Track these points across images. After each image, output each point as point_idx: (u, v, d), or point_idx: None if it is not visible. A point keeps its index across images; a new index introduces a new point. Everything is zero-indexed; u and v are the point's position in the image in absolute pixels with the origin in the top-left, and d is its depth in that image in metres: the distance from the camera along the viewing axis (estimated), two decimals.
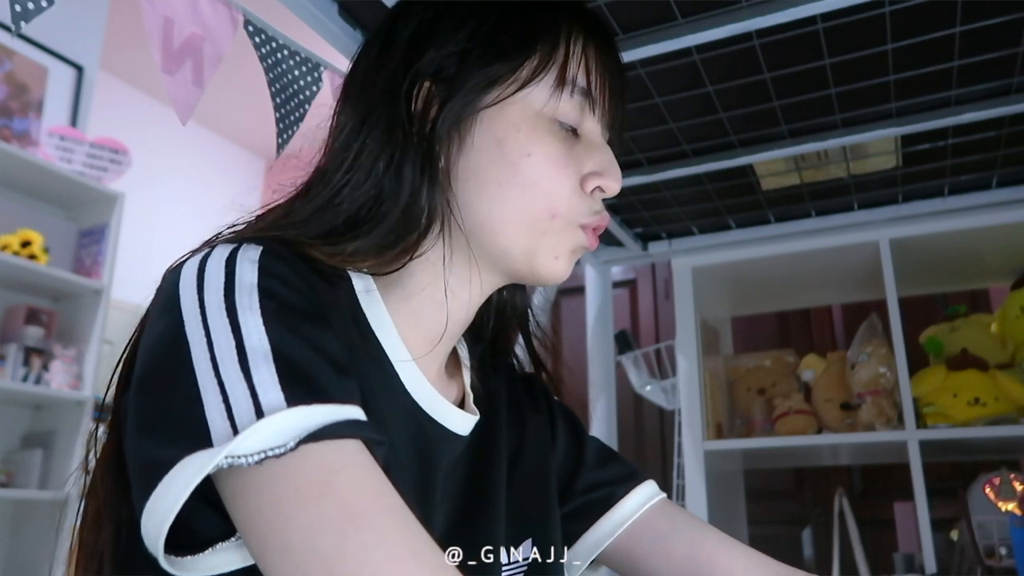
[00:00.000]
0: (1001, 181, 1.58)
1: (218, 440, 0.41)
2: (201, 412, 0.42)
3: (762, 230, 1.80)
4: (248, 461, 0.41)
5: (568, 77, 0.59)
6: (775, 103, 1.29)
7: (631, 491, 0.71)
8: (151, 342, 0.47)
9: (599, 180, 0.60)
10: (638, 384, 2.42)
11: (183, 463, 0.41)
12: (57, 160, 2.51)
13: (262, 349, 0.44)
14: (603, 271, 2.03)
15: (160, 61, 0.95)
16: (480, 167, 0.58)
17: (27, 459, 2.35)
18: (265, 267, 0.48)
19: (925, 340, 1.79)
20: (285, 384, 0.43)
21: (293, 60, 1.10)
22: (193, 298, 0.46)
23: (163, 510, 0.41)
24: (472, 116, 0.58)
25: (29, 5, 0.82)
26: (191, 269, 0.48)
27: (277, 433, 0.41)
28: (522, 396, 0.73)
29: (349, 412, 0.44)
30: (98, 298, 2.49)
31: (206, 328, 0.45)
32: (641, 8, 1.05)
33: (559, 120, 0.59)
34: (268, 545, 0.41)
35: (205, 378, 0.43)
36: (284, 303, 0.47)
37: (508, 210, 0.58)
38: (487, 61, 0.58)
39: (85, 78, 2.88)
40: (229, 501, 0.43)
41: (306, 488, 0.41)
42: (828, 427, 1.76)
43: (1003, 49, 1.14)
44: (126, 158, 2.65)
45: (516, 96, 0.58)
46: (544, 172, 0.57)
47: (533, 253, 0.59)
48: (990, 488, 1.51)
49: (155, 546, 0.42)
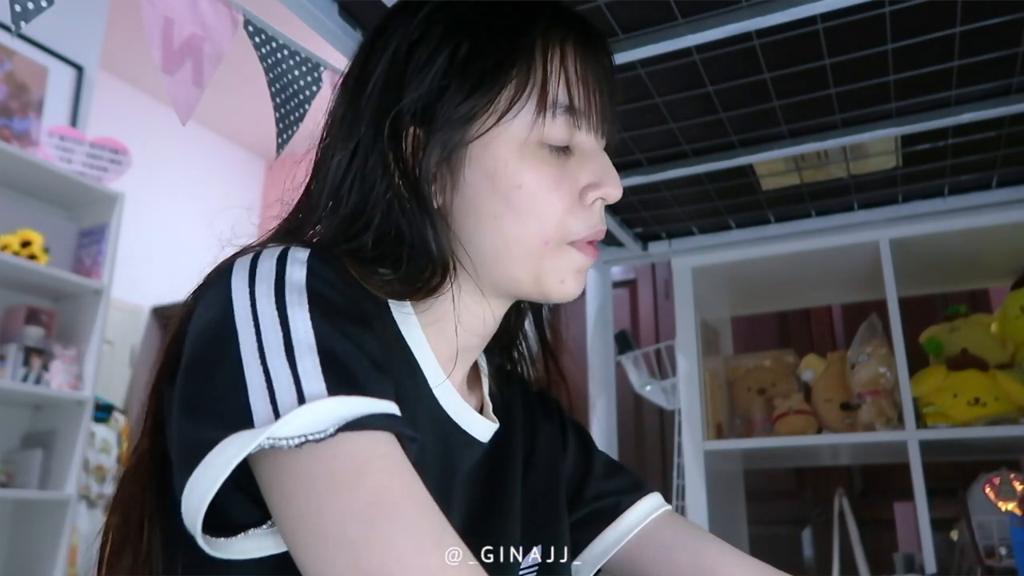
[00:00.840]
0: (1001, 181, 1.58)
1: (260, 423, 0.43)
2: (245, 396, 0.44)
3: (762, 230, 1.80)
4: (289, 443, 0.42)
5: (548, 101, 0.57)
6: (775, 103, 1.29)
7: (637, 501, 0.72)
8: (199, 330, 0.49)
9: (598, 191, 0.60)
10: (638, 384, 2.41)
11: (225, 442, 0.42)
12: (57, 160, 2.51)
13: (307, 342, 0.46)
14: (603, 271, 2.03)
15: (160, 61, 0.95)
16: (475, 202, 0.58)
17: (27, 459, 2.35)
18: (313, 268, 0.50)
19: (925, 340, 1.79)
20: (327, 375, 0.45)
21: (293, 60, 1.10)
22: (244, 290, 0.48)
23: (203, 488, 0.42)
24: (461, 152, 0.57)
25: (29, 5, 0.82)
26: (243, 265, 0.50)
27: (317, 420, 0.43)
28: (535, 405, 0.75)
29: (386, 406, 0.46)
30: (98, 298, 2.49)
31: (255, 318, 0.47)
32: (641, 8, 1.05)
33: (547, 143, 0.58)
34: (300, 529, 0.43)
35: (251, 364, 0.45)
36: (330, 303, 0.49)
37: (507, 241, 0.58)
38: (463, 96, 0.57)
39: (85, 78, 2.88)
40: (266, 484, 0.45)
41: (341, 475, 0.42)
42: (828, 427, 1.76)
43: (1003, 49, 1.14)
44: (126, 158, 2.65)
45: (498, 128, 0.57)
46: (536, 200, 0.57)
47: (539, 278, 0.59)
48: (990, 488, 1.51)
49: (194, 524, 0.43)
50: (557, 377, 0.75)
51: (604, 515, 0.72)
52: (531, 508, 0.66)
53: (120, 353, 3.66)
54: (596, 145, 0.61)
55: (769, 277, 1.93)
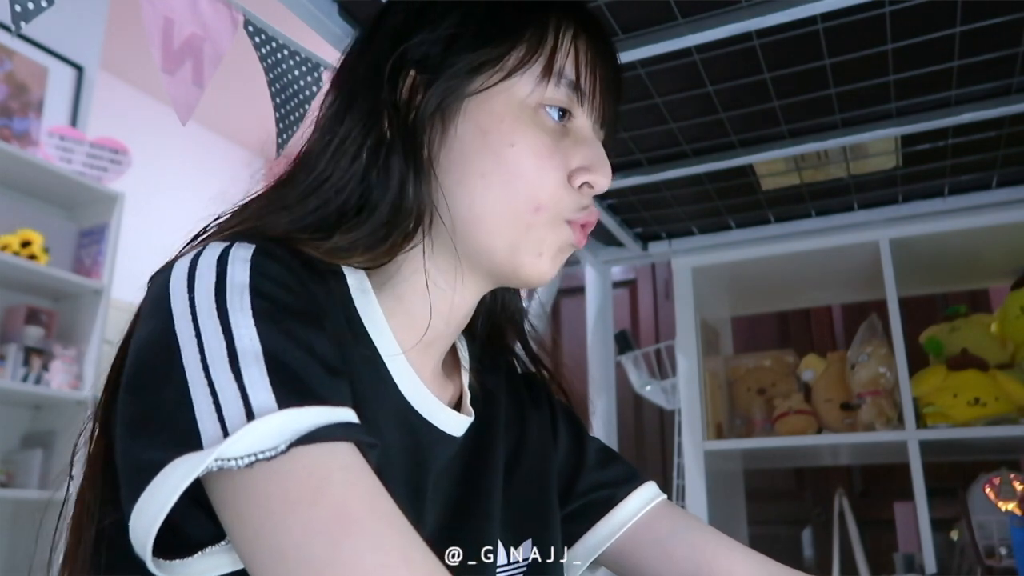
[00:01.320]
0: (1001, 181, 1.58)
1: (208, 442, 0.40)
2: (191, 413, 0.41)
3: (762, 230, 1.80)
4: (238, 464, 0.40)
5: (555, 68, 0.57)
6: (775, 103, 1.29)
7: (632, 492, 0.70)
8: (140, 343, 0.47)
9: (587, 176, 0.58)
10: (638, 384, 2.41)
11: (172, 465, 0.40)
12: (57, 160, 2.51)
13: (253, 350, 0.43)
14: (603, 271, 2.03)
15: (160, 61, 0.95)
16: (463, 157, 0.57)
17: (27, 459, 2.35)
18: (257, 266, 0.47)
19: (925, 340, 1.79)
20: (276, 385, 0.42)
21: (293, 60, 1.10)
22: (183, 298, 0.46)
23: (151, 513, 0.40)
24: (457, 104, 0.57)
25: (29, 5, 0.82)
26: (181, 268, 0.48)
27: (268, 435, 0.41)
28: (523, 394, 0.72)
29: (341, 414, 0.43)
30: (98, 298, 2.49)
31: (196, 328, 0.44)
32: (641, 8, 1.05)
33: (546, 112, 0.58)
34: (258, 551, 0.40)
35: (195, 379, 0.43)
36: (276, 303, 0.46)
37: (490, 202, 0.56)
38: (472, 47, 0.57)
39: (85, 78, 2.88)
40: (219, 505, 0.42)
41: (297, 492, 0.40)
42: (828, 427, 1.76)
43: (1003, 49, 1.14)
44: (126, 158, 2.65)
45: (501, 85, 0.57)
46: (527, 163, 0.56)
47: (516, 248, 0.57)
48: (990, 488, 1.51)
49: (143, 549, 0.41)
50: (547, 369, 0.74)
51: (597, 507, 0.70)
52: (519, 503, 0.64)
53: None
54: (593, 133, 0.61)
55: (769, 277, 1.93)
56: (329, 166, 0.56)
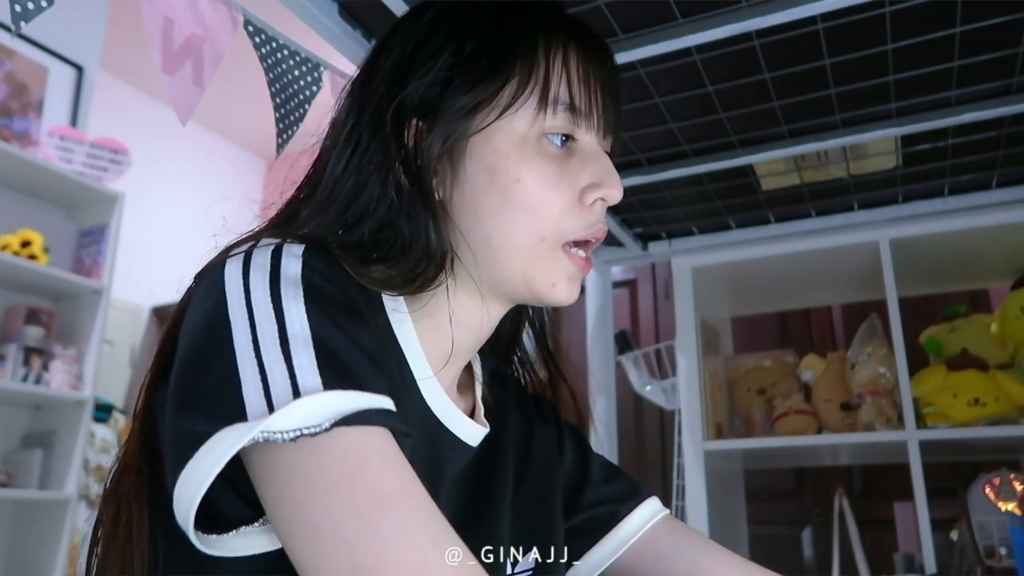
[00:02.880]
0: (1001, 181, 1.58)
1: (253, 416, 0.43)
2: (239, 389, 0.44)
3: (762, 230, 1.80)
4: (284, 437, 0.42)
5: (550, 97, 0.58)
6: (775, 103, 1.29)
7: (635, 509, 0.72)
8: (193, 324, 0.49)
9: (598, 191, 0.59)
10: (638, 384, 2.41)
11: (220, 434, 0.42)
12: (57, 160, 2.51)
13: (303, 335, 0.45)
14: (603, 271, 2.03)
15: (160, 61, 0.95)
16: (475, 197, 0.58)
17: (27, 459, 2.35)
18: (308, 262, 0.50)
19: (925, 340, 1.79)
20: (323, 369, 0.44)
21: (293, 60, 1.10)
22: (238, 284, 0.48)
23: (196, 481, 0.42)
24: (461, 145, 0.58)
25: (29, 5, 0.82)
26: (237, 259, 0.50)
27: (313, 414, 0.43)
28: (531, 410, 0.74)
29: (381, 401, 0.45)
30: (98, 298, 2.49)
31: (250, 312, 0.47)
32: (641, 8, 1.05)
33: (548, 140, 0.58)
34: (296, 526, 0.42)
35: (245, 358, 0.45)
36: (326, 295, 0.48)
37: (503, 237, 0.58)
38: (466, 88, 0.58)
39: (85, 78, 2.87)
40: (260, 479, 0.44)
41: (336, 471, 0.42)
42: (828, 427, 1.76)
43: (1003, 49, 1.14)
44: (126, 158, 2.65)
45: (500, 122, 0.58)
46: (534, 196, 0.57)
47: (531, 280, 0.59)
48: (990, 488, 1.51)
49: (186, 519, 0.43)
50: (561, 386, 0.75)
51: (601, 523, 0.72)
52: (526, 512, 0.66)
53: (120, 353, 3.66)
54: (598, 147, 0.62)
55: (769, 277, 1.93)
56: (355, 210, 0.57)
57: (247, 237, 0.56)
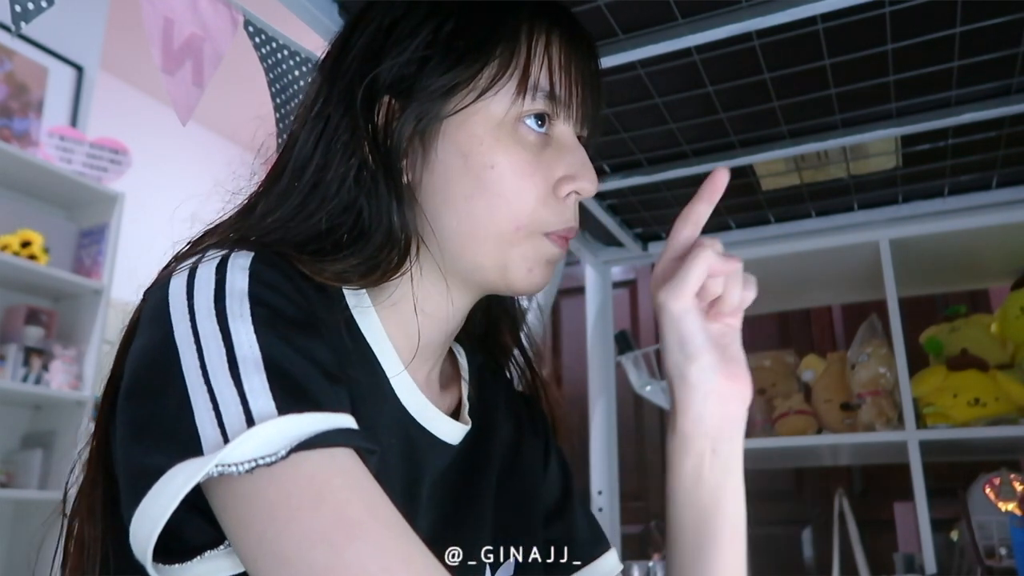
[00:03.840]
0: (1001, 181, 1.58)
1: (208, 448, 0.41)
2: (191, 420, 0.42)
3: (762, 230, 1.80)
4: (239, 470, 0.40)
5: (529, 83, 0.56)
6: (775, 103, 1.29)
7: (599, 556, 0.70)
8: (140, 350, 0.47)
9: (573, 184, 0.58)
10: (638, 384, 2.41)
11: (173, 471, 0.40)
12: (57, 160, 2.51)
13: (253, 357, 0.44)
14: (603, 271, 2.03)
15: (160, 61, 0.95)
16: (446, 180, 0.56)
17: (27, 459, 2.35)
18: (256, 274, 0.47)
19: (925, 340, 1.79)
20: (276, 392, 0.42)
21: (293, 60, 1.10)
22: (183, 305, 0.46)
23: (153, 518, 0.40)
24: (435, 127, 0.56)
25: (29, 5, 0.82)
26: (181, 277, 0.48)
27: (268, 441, 0.41)
28: (522, 414, 0.72)
29: (340, 420, 0.44)
30: (98, 298, 2.49)
31: (196, 335, 0.45)
32: (641, 8, 1.05)
33: (525, 127, 0.57)
34: (261, 556, 0.41)
35: (195, 385, 0.43)
36: (275, 311, 0.46)
37: (476, 224, 0.56)
38: (444, 68, 0.56)
39: (85, 78, 2.87)
40: (219, 510, 0.43)
41: (299, 498, 0.41)
42: (828, 427, 1.76)
43: (1003, 49, 1.14)
44: (126, 158, 2.65)
45: (477, 105, 0.56)
46: (509, 183, 0.56)
47: (505, 267, 0.57)
48: (990, 488, 1.51)
49: (144, 554, 0.41)
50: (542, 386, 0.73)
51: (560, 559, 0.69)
52: (508, 514, 0.64)
53: None
54: (574, 138, 0.60)
55: (769, 277, 1.92)
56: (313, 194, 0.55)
57: (197, 240, 0.55)
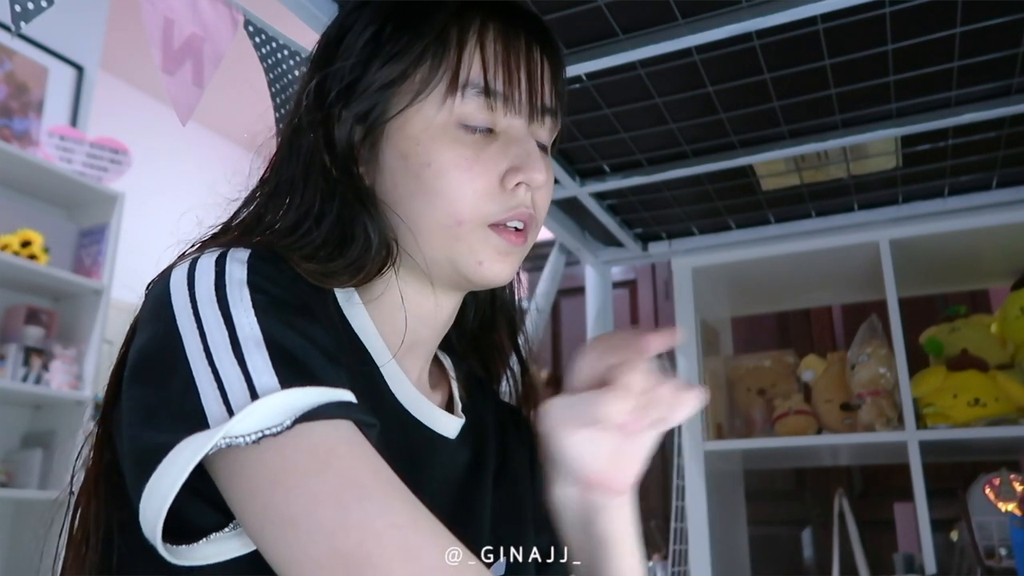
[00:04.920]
0: (1001, 182, 1.58)
1: (214, 423, 0.42)
2: (197, 398, 0.43)
3: (762, 230, 1.80)
4: (246, 440, 0.42)
5: (461, 81, 0.57)
6: (775, 103, 1.29)
7: None
8: (143, 341, 0.48)
9: (519, 176, 0.58)
10: None
11: (181, 445, 0.42)
12: (57, 160, 2.51)
13: (254, 337, 0.45)
14: (603, 271, 2.03)
15: (160, 61, 0.95)
16: (394, 182, 0.58)
17: (27, 459, 2.35)
18: (254, 265, 0.49)
19: (925, 341, 1.79)
20: (279, 368, 0.44)
21: (293, 60, 1.10)
22: (184, 295, 0.48)
23: (162, 493, 0.42)
24: (379, 130, 0.58)
25: (29, 5, 0.82)
26: (181, 271, 0.50)
27: (272, 413, 0.42)
28: (508, 424, 0.73)
29: (341, 395, 0.45)
30: (98, 298, 2.49)
31: (198, 321, 0.46)
32: (641, 8, 1.05)
33: (463, 125, 0.57)
34: (268, 522, 0.42)
35: (199, 366, 0.44)
36: (273, 298, 0.48)
37: (420, 221, 0.57)
38: (379, 71, 0.58)
39: (85, 78, 2.87)
40: (226, 484, 0.44)
41: (304, 464, 0.42)
42: (828, 427, 1.76)
43: (1003, 49, 1.14)
44: (126, 158, 2.65)
45: (414, 107, 0.57)
46: (445, 180, 0.56)
47: (454, 260, 0.58)
48: (990, 488, 1.51)
49: (154, 532, 0.42)
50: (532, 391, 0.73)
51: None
52: (502, 514, 0.65)
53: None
54: (523, 131, 0.60)
55: (769, 277, 1.92)
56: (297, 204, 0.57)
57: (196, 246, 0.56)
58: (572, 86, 1.24)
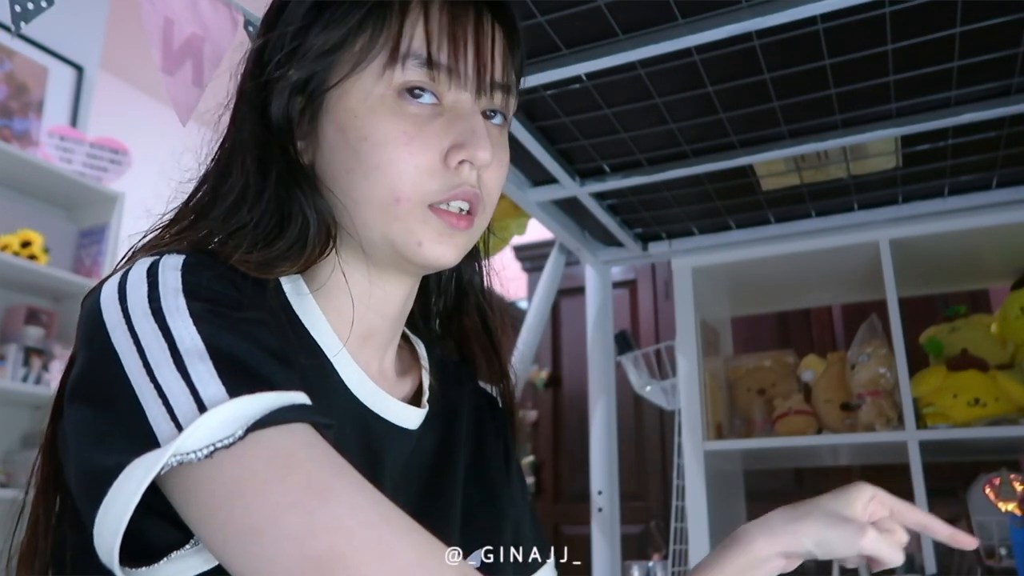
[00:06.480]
0: (1001, 181, 1.58)
1: (164, 440, 0.40)
2: (143, 417, 0.41)
3: (762, 230, 1.80)
4: (197, 456, 0.40)
5: (401, 51, 0.54)
6: (775, 103, 1.29)
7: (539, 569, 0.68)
8: (81, 364, 0.46)
9: (462, 153, 0.55)
10: (638, 384, 2.41)
11: (131, 466, 0.40)
12: (57, 160, 2.51)
13: (196, 348, 0.43)
14: (603, 271, 2.03)
15: (160, 61, 0.95)
16: (332, 156, 0.56)
17: (27, 459, 2.35)
18: (188, 270, 0.47)
19: (925, 340, 1.79)
20: (224, 377, 0.42)
21: None
22: (116, 311, 0.46)
23: (115, 516, 0.40)
24: (319, 102, 0.56)
25: (29, 5, 0.82)
26: (111, 285, 0.47)
27: (223, 425, 0.41)
28: (485, 415, 0.71)
29: (294, 398, 0.44)
30: None
31: (134, 336, 0.44)
32: (641, 8, 1.05)
33: (406, 98, 0.55)
34: (230, 534, 0.40)
35: (141, 384, 0.42)
36: (211, 303, 0.46)
37: (357, 197, 0.55)
38: (320, 44, 0.55)
39: (85, 78, 2.87)
40: (183, 502, 0.42)
41: (263, 472, 0.40)
42: (828, 427, 1.76)
43: (1003, 49, 1.14)
44: (126, 158, 2.65)
45: (353, 78, 0.55)
46: (383, 155, 0.54)
47: (392, 240, 0.55)
48: (990, 488, 1.51)
49: (110, 556, 0.41)
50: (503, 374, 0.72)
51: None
52: (475, 511, 0.64)
53: None
54: (470, 106, 0.57)
55: (769, 277, 1.92)
56: (237, 188, 0.56)
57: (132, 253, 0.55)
58: (572, 86, 1.24)
